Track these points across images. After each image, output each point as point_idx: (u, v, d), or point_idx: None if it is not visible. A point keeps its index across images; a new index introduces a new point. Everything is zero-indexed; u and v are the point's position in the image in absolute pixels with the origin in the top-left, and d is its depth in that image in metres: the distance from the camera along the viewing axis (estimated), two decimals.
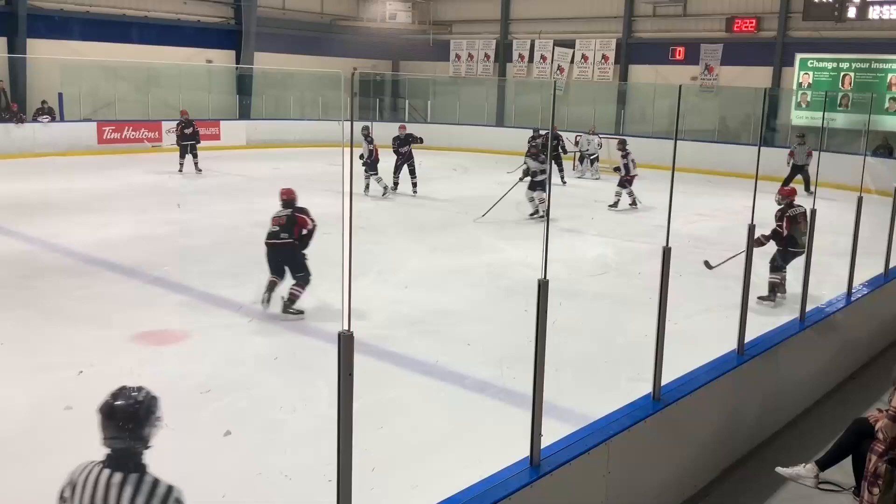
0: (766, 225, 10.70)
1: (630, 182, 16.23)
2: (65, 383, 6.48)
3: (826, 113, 23.43)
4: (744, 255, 5.31)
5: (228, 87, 28.00)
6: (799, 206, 9.18)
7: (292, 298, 8.34)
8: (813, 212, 6.22)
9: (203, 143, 20.49)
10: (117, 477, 2.57)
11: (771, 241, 9.08)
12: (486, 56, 30.86)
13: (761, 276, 9.20)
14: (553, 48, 29.00)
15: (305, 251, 8.52)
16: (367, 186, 16.64)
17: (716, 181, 19.80)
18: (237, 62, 27.88)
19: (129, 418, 2.62)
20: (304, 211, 8.73)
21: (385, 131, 26.68)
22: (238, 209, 14.55)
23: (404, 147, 17.12)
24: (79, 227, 12.56)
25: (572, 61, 28.58)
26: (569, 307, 8.22)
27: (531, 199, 14.47)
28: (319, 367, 6.80)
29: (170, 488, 2.59)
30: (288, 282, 8.48)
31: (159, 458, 5.39)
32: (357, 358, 2.66)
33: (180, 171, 19.16)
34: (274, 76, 28.42)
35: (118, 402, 2.64)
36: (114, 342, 7.47)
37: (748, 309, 5.27)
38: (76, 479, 2.62)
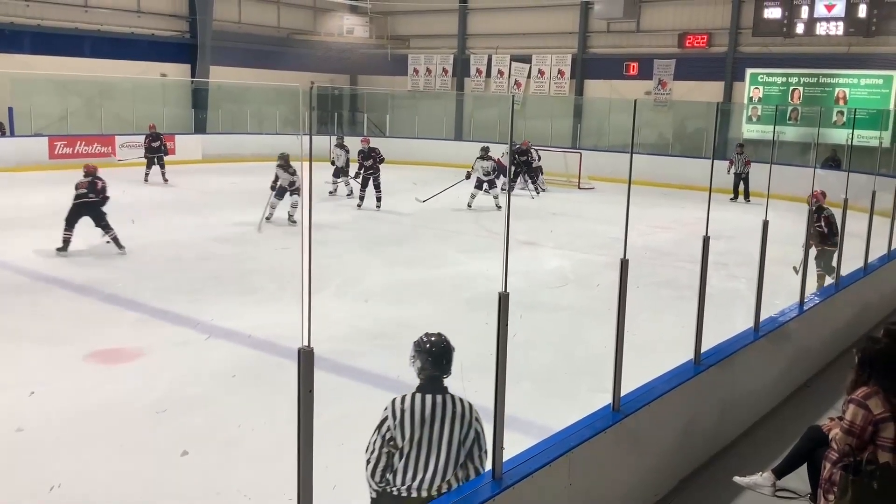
0: (720, 237, 10.88)
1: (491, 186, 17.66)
2: (16, 404, 6.32)
3: (776, 126, 23.96)
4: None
5: (183, 101, 27.68)
6: (827, 207, 10.07)
7: (117, 240, 11.68)
8: (765, 223, 6.34)
9: None
10: (438, 399, 3.45)
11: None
12: (444, 70, 31.01)
13: (715, 287, 9.34)
14: (510, 63, 29.26)
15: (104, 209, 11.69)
16: (335, 190, 17.92)
17: (670, 194, 20.11)
18: (192, 76, 27.59)
19: (442, 354, 3.50)
20: (102, 179, 11.80)
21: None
22: (194, 224, 14.37)
23: (368, 160, 17.10)
24: (30, 243, 12.27)
25: (529, 76, 28.85)
26: (529, 319, 8.25)
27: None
28: (279, 383, 6.72)
29: (470, 403, 3.51)
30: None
31: (114, 479, 5.30)
32: (317, 373, 2.63)
33: (146, 180, 19.79)
34: (230, 90, 28.18)
35: (434, 343, 3.51)
36: (66, 361, 7.30)
37: (703, 319, 5.33)
38: (396, 409, 3.45)
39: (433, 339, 3.57)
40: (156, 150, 20.10)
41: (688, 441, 5.37)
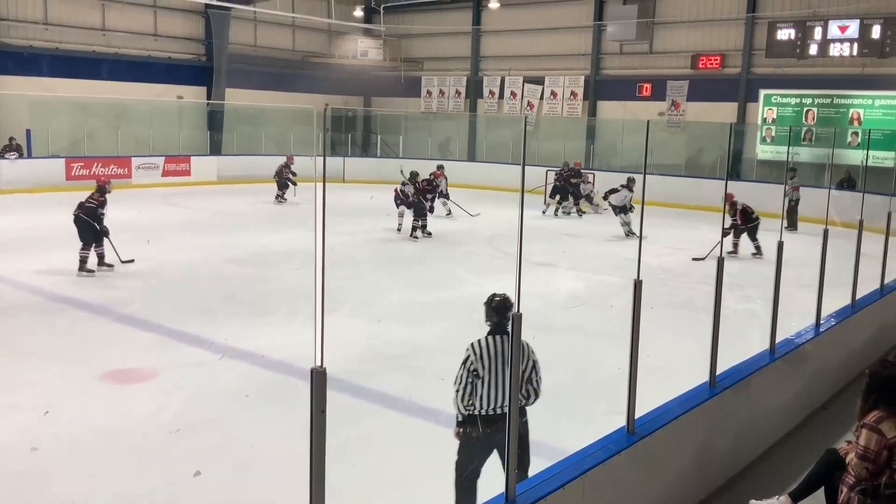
0: (735, 258, 10.80)
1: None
2: (31, 424, 6.34)
3: (791, 147, 23.88)
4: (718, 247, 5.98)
5: (199, 122, 27.95)
6: (736, 201, 14.37)
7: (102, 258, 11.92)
8: (780, 244, 6.31)
9: (173, 179, 20.64)
10: (505, 338, 4.55)
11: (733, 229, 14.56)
12: (457, 92, 31.17)
13: (731, 309, 9.30)
14: (523, 84, 29.37)
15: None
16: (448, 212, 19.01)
17: (684, 214, 20.06)
18: (208, 98, 27.87)
19: (502, 307, 4.62)
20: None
21: (358, 166, 26.73)
22: (208, 244, 14.45)
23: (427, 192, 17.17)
24: (46, 263, 12.37)
25: (542, 97, 28.95)
26: (543, 341, 8.16)
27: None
28: (291, 403, 6.72)
29: (527, 342, 4.54)
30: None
31: (128, 499, 5.30)
32: (330, 394, 2.64)
33: (284, 200, 21.23)
34: (245, 112, 28.43)
35: (495, 300, 4.66)
36: (81, 381, 7.33)
37: (719, 341, 5.30)
38: (475, 348, 4.59)
39: (497, 297, 4.72)
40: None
41: (704, 464, 5.32)
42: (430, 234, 16.43)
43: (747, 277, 12.14)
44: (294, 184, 21.21)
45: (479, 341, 4.63)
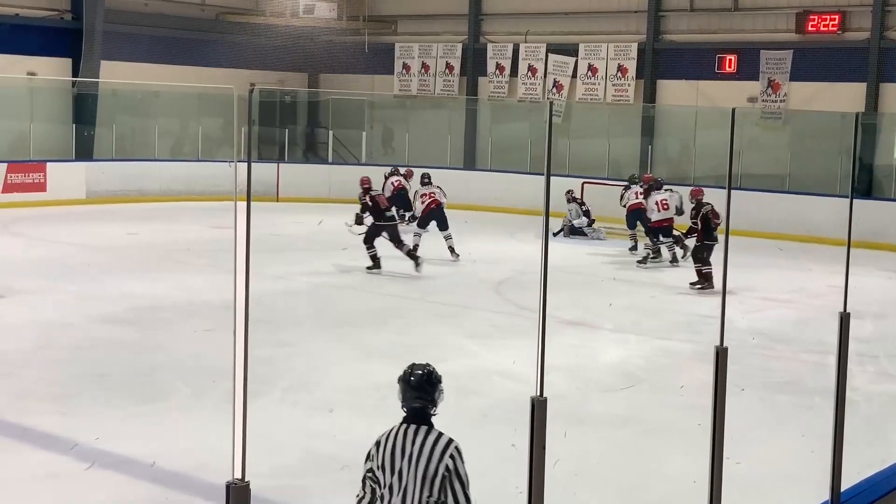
0: (866, 315, 10.88)
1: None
2: None
3: None
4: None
5: (61, 112, 27.89)
6: (707, 203, 16.04)
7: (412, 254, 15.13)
8: None
9: (20, 197, 20.54)
10: (420, 429, 4.53)
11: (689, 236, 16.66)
12: (449, 67, 31.30)
13: (861, 391, 9.31)
14: (546, 56, 29.51)
15: None
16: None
17: (789, 249, 20.11)
18: (75, 75, 27.86)
19: (423, 384, 4.68)
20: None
21: (299, 178, 26.68)
22: (73, 295, 14.38)
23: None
24: None
25: (574, 75, 29.10)
26: (577, 439, 8.20)
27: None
28: None
29: (451, 439, 4.52)
30: None
31: None
32: None
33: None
34: (130, 96, 28.45)
35: (416, 373, 4.70)
36: None
37: (843, 439, 5.29)
38: (381, 439, 4.59)
39: (418, 370, 4.79)
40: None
41: None
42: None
43: (885, 343, 12.15)
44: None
45: (388, 433, 4.62)
